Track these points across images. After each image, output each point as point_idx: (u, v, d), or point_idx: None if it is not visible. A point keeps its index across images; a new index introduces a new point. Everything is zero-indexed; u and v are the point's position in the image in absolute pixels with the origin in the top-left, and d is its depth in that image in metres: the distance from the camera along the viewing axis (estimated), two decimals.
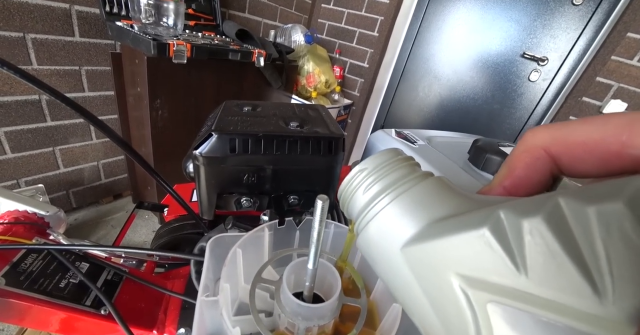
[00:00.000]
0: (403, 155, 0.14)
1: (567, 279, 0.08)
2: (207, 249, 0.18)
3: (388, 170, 0.13)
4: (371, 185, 0.13)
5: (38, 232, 0.30)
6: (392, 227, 0.12)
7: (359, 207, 0.13)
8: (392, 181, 0.13)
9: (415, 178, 0.13)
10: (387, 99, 2.06)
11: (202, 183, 0.26)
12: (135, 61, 1.03)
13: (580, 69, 1.48)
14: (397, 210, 0.12)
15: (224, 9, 1.43)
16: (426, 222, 0.11)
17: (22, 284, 0.25)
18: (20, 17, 0.91)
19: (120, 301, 0.30)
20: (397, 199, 0.12)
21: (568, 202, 0.08)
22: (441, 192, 0.12)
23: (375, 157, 0.14)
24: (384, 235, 0.12)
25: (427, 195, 0.12)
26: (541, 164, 0.12)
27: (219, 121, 0.26)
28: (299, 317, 0.15)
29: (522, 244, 0.08)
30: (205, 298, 0.15)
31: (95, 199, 1.37)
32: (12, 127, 1.00)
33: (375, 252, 0.13)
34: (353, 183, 0.14)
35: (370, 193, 0.13)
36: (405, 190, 0.12)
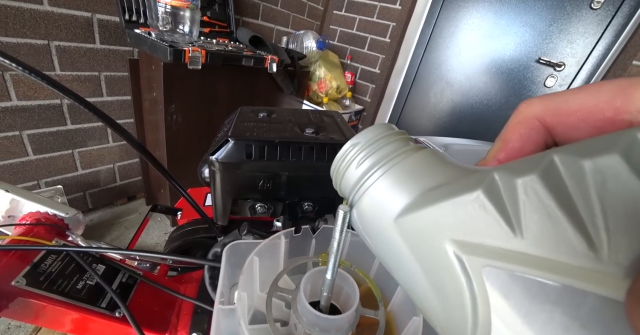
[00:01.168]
0: (396, 129, 0.14)
1: (562, 236, 0.07)
2: (224, 255, 0.18)
3: (380, 144, 0.13)
4: (364, 159, 0.13)
5: (58, 234, 0.30)
6: (385, 199, 0.12)
7: (352, 182, 0.13)
8: (385, 154, 0.13)
9: (407, 151, 0.13)
10: (398, 105, 2.05)
11: (218, 188, 0.26)
12: (152, 67, 1.06)
13: (599, 74, 1.44)
14: (389, 182, 0.12)
15: (238, 16, 1.46)
16: (419, 192, 0.11)
17: (41, 284, 0.25)
18: (45, 25, 0.95)
19: (134, 304, 0.30)
20: (389, 171, 0.12)
21: (562, 157, 0.08)
22: (434, 163, 0.12)
23: (367, 131, 0.14)
24: (377, 208, 0.12)
25: (419, 167, 0.12)
26: (535, 135, 0.12)
27: (235, 127, 0.26)
28: (316, 328, 0.14)
29: (517, 204, 0.08)
30: (223, 306, 0.15)
31: (110, 201, 1.40)
32: (35, 130, 1.04)
33: (369, 226, 0.12)
34: (346, 158, 0.14)
35: (362, 167, 0.13)
36: (398, 163, 0.12)
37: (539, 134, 0.12)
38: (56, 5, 0.95)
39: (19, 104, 0.98)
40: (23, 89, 0.97)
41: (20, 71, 0.23)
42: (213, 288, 0.26)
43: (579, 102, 0.11)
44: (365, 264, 0.20)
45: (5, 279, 0.24)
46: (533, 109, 0.12)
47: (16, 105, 0.98)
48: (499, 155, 0.13)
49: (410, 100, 2.00)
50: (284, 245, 0.19)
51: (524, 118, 0.12)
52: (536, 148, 0.12)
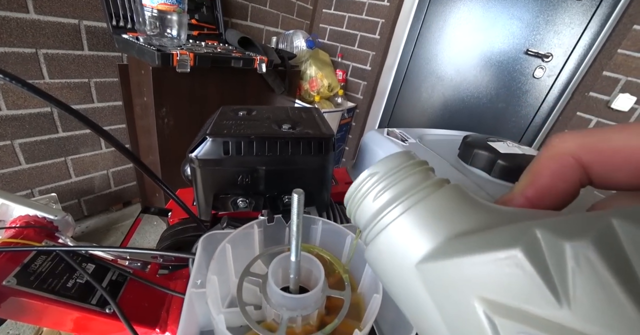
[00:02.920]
0: (416, 158, 0.13)
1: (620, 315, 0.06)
2: (199, 245, 0.19)
3: (401, 176, 0.12)
4: (382, 191, 0.12)
5: (47, 236, 0.31)
6: (406, 240, 0.11)
7: (368, 216, 0.12)
8: (406, 188, 0.12)
9: (430, 185, 0.12)
10: (390, 101, 2.07)
11: (199, 184, 0.27)
12: (141, 72, 1.06)
13: (586, 63, 1.46)
14: (411, 222, 0.11)
15: (226, 18, 1.47)
16: (445, 237, 0.10)
17: (32, 283, 0.26)
18: (32, 33, 0.95)
19: (124, 300, 0.31)
20: (411, 208, 0.11)
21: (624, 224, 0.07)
22: (460, 202, 0.11)
23: (386, 161, 0.13)
24: (397, 248, 0.11)
25: (445, 206, 0.11)
26: (570, 173, 0.11)
27: (214, 125, 0.27)
28: (283, 307, 0.15)
29: (565, 271, 0.07)
30: (195, 290, 0.16)
31: (106, 207, 1.40)
32: (26, 138, 1.04)
33: (386, 267, 0.12)
34: (362, 188, 0.13)
35: (381, 200, 0.12)
36: (421, 199, 0.11)
37: (573, 172, 0.11)
38: (42, 13, 0.96)
39: (9, 113, 0.99)
40: (12, 97, 0.98)
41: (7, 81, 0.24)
42: None
43: (621, 141, 0.10)
44: (336, 251, 0.21)
45: None
46: (567, 144, 0.11)
47: (6, 114, 0.98)
48: (528, 191, 0.12)
49: (402, 95, 2.02)
50: (258, 234, 0.20)
51: (557, 154, 0.11)
52: (569, 187, 0.11)
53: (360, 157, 0.37)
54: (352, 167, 0.39)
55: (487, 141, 0.29)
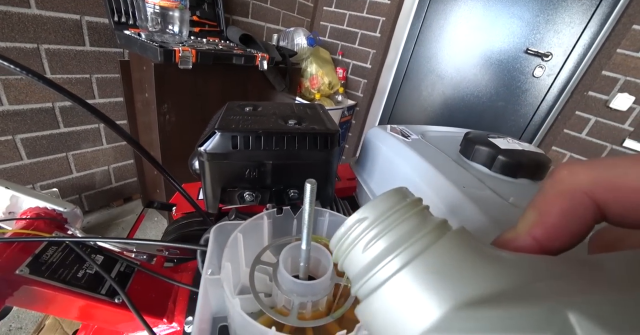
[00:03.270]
0: (410, 197, 0.12)
1: None
2: (211, 235, 0.20)
3: (395, 221, 0.10)
4: (374, 241, 0.10)
5: (57, 227, 0.32)
6: (406, 305, 0.09)
7: (357, 269, 0.11)
8: (401, 237, 0.10)
9: (430, 232, 0.10)
10: (390, 99, 2.07)
11: (207, 178, 0.27)
12: (143, 68, 1.06)
13: (585, 63, 1.47)
14: (411, 282, 0.09)
15: (227, 15, 1.47)
16: (452, 305, 0.09)
17: (44, 273, 0.27)
18: (34, 29, 0.95)
19: (132, 291, 0.32)
20: (410, 265, 0.09)
21: None
22: (465, 256, 0.09)
23: (377, 203, 0.11)
24: (394, 314, 0.09)
25: (449, 261, 0.09)
26: (583, 211, 0.10)
27: (222, 120, 0.28)
28: (294, 293, 0.16)
29: None
30: (209, 276, 0.17)
31: (107, 202, 1.41)
32: (27, 134, 1.05)
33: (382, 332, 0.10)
34: (350, 236, 0.11)
35: (373, 252, 0.10)
36: (420, 252, 0.10)
37: (586, 211, 0.10)
38: (44, 8, 0.96)
39: (11, 108, 0.99)
40: (14, 93, 0.98)
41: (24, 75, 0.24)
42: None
43: None
44: None
45: (9, 269, 0.26)
46: (579, 179, 0.10)
47: (8, 109, 0.98)
48: (535, 231, 0.10)
49: (402, 94, 2.02)
50: (267, 225, 0.21)
51: (567, 190, 0.10)
52: (582, 227, 0.10)
53: (364, 153, 0.38)
54: (356, 162, 0.40)
55: (487, 137, 0.30)
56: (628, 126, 1.36)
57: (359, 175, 0.37)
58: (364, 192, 0.34)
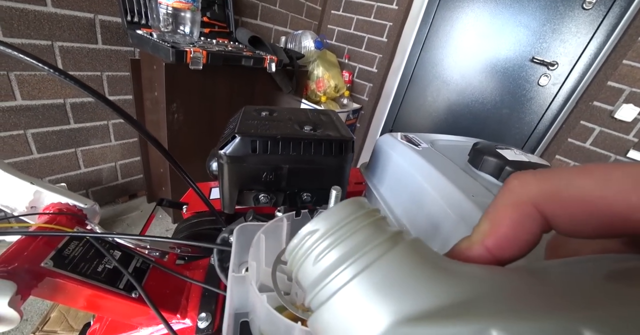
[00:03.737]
0: (365, 208, 0.11)
1: None
2: (234, 234, 0.21)
3: (347, 232, 0.10)
4: (325, 252, 0.10)
5: (78, 223, 0.33)
6: (353, 318, 0.09)
7: (310, 280, 0.11)
8: (353, 248, 0.10)
9: (381, 244, 0.10)
10: (395, 104, 2.08)
11: (225, 180, 0.28)
12: (154, 67, 1.08)
13: (591, 73, 1.48)
14: (359, 294, 0.09)
15: (237, 17, 1.49)
16: (393, 320, 0.08)
17: (66, 266, 0.28)
18: (49, 26, 0.97)
19: (147, 287, 0.33)
20: (359, 276, 0.09)
21: None
22: (414, 268, 0.09)
23: (329, 214, 0.11)
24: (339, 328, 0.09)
25: (395, 274, 0.09)
26: (531, 223, 0.10)
27: (241, 125, 0.29)
28: None
29: None
30: (235, 274, 0.18)
31: (112, 199, 1.42)
32: (39, 129, 1.06)
33: None
34: (303, 247, 0.11)
35: (324, 263, 0.10)
36: (368, 265, 0.09)
37: (534, 222, 0.10)
38: (59, 7, 0.97)
39: (24, 103, 1.00)
40: (27, 88, 0.99)
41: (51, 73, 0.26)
42: (222, 270, 0.29)
43: (584, 190, 0.09)
44: None
45: (35, 261, 0.27)
46: (528, 190, 0.10)
47: (21, 104, 1.00)
48: (487, 241, 0.11)
49: (407, 98, 2.03)
50: (286, 227, 0.22)
51: (517, 201, 0.10)
52: (531, 237, 0.10)
53: (375, 159, 0.39)
54: (366, 168, 0.41)
55: (495, 148, 0.31)
56: (632, 137, 1.37)
57: (369, 180, 0.38)
58: (373, 196, 0.35)
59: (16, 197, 0.33)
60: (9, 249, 0.28)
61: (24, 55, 0.24)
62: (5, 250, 0.28)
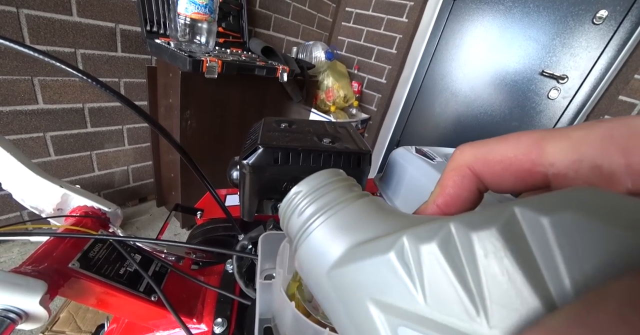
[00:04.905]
0: (341, 176, 0.14)
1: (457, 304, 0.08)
2: (260, 242, 0.22)
3: (322, 192, 0.13)
4: (305, 207, 0.13)
5: (102, 226, 0.34)
6: (320, 250, 0.12)
7: (294, 229, 0.13)
8: (324, 203, 0.13)
9: (347, 199, 0.13)
10: (403, 114, 2.10)
11: (247, 189, 0.30)
12: (170, 75, 1.11)
13: (602, 87, 1.47)
14: (324, 233, 0.12)
15: (250, 27, 1.53)
16: (348, 246, 0.11)
17: (92, 268, 0.29)
18: (73, 35, 1.02)
19: (166, 291, 0.34)
20: (325, 221, 0.12)
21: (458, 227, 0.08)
22: (370, 214, 0.12)
23: (311, 178, 0.14)
24: (313, 258, 0.12)
25: (355, 217, 0.12)
26: (468, 182, 0.12)
27: (263, 136, 0.31)
28: None
29: (421, 270, 0.09)
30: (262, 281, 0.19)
31: (123, 202, 1.45)
32: (57, 132, 1.10)
33: (307, 275, 0.13)
34: (290, 205, 0.14)
35: (304, 216, 0.13)
36: (335, 212, 0.12)
37: (470, 181, 0.12)
38: (84, 16, 1.02)
39: (45, 107, 1.04)
40: (49, 93, 1.03)
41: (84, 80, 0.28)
42: (240, 276, 0.30)
43: (501, 152, 0.11)
44: None
45: (63, 262, 0.28)
46: (464, 156, 0.12)
47: (42, 108, 1.04)
48: (438, 200, 0.13)
49: (416, 109, 2.04)
50: None
51: (457, 165, 0.13)
52: (470, 194, 0.13)
53: (389, 172, 0.40)
54: (380, 179, 0.42)
55: None
56: None
57: (384, 192, 0.39)
58: None
59: (45, 199, 0.35)
60: (39, 249, 0.29)
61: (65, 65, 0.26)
62: (34, 250, 0.29)
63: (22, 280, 0.24)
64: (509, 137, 0.11)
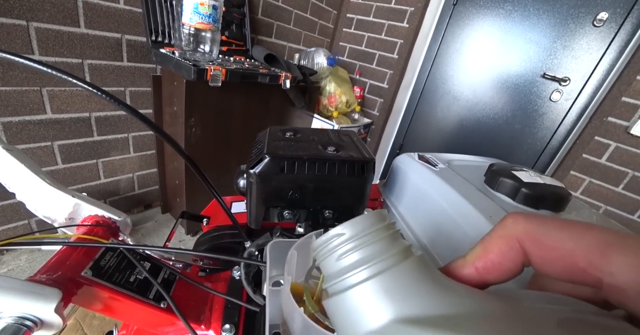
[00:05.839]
0: (386, 221, 0.14)
1: None
2: (268, 249, 0.23)
3: (369, 240, 0.13)
4: (349, 253, 0.12)
5: (112, 234, 0.35)
6: (362, 309, 0.11)
7: (332, 271, 0.13)
8: (372, 254, 0.12)
9: (394, 255, 0.12)
10: (406, 119, 2.10)
11: (254, 197, 0.30)
12: (174, 83, 1.13)
13: (604, 89, 1.47)
14: (371, 292, 0.11)
15: (253, 35, 1.55)
16: (394, 318, 0.11)
17: (103, 276, 0.30)
18: (80, 45, 1.04)
19: (175, 298, 0.34)
20: (374, 278, 0.12)
21: None
22: (419, 281, 0.12)
23: (356, 222, 0.13)
24: (352, 313, 0.12)
25: (402, 282, 0.11)
26: (514, 255, 0.12)
27: (269, 145, 0.31)
28: None
29: None
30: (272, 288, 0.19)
31: (128, 208, 1.46)
32: (65, 140, 1.12)
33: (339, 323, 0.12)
34: (330, 245, 0.13)
35: (346, 261, 0.12)
36: (380, 271, 0.12)
37: (517, 254, 0.12)
38: (91, 28, 1.05)
39: (53, 116, 1.06)
40: (57, 103, 1.06)
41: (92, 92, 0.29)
42: (248, 282, 0.30)
43: (559, 240, 0.11)
44: None
45: (76, 270, 0.29)
46: (517, 228, 0.12)
47: (50, 118, 1.06)
48: (478, 262, 0.13)
49: (418, 114, 2.05)
50: None
51: (506, 234, 0.12)
52: (513, 266, 0.12)
53: (393, 178, 0.40)
54: (384, 186, 0.42)
55: (511, 170, 0.32)
56: None
57: (387, 198, 0.39)
58: (391, 214, 0.37)
59: (58, 209, 0.36)
60: (52, 258, 0.30)
61: (72, 78, 0.27)
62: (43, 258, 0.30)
63: (38, 288, 0.25)
64: (572, 227, 0.11)
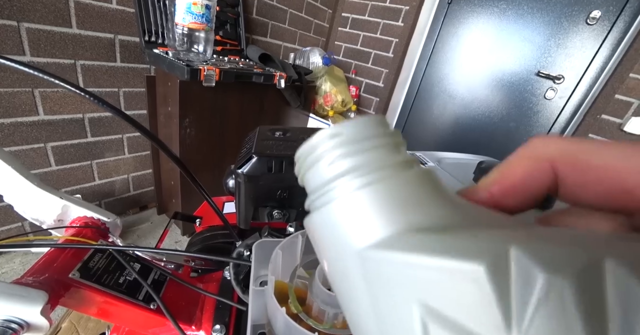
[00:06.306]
0: (389, 128, 0.11)
1: None
2: (254, 249, 0.23)
3: (367, 145, 0.10)
4: (341, 158, 0.10)
5: (101, 236, 0.35)
6: (355, 220, 0.09)
7: (317, 181, 0.11)
8: (369, 161, 0.10)
9: (399, 163, 0.10)
10: (402, 117, 2.11)
11: (242, 197, 0.30)
12: (168, 84, 1.13)
13: (598, 86, 1.48)
14: (366, 202, 0.09)
15: (248, 35, 1.55)
16: (400, 228, 0.09)
17: (92, 277, 0.30)
18: (73, 46, 1.03)
19: (165, 299, 0.34)
20: (370, 186, 0.10)
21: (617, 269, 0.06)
22: (427, 192, 0.10)
23: (357, 124, 0.11)
24: (342, 227, 0.10)
25: (408, 192, 0.10)
26: (542, 177, 0.10)
27: (257, 145, 0.31)
28: (328, 305, 0.18)
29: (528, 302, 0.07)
30: (256, 288, 0.19)
31: (123, 210, 1.45)
32: (58, 142, 1.11)
33: (325, 243, 0.10)
34: (318, 148, 0.11)
35: (337, 168, 0.10)
36: (383, 179, 0.10)
37: (545, 178, 0.10)
38: (83, 28, 1.04)
39: (46, 118, 1.06)
40: (50, 104, 1.05)
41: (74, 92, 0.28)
42: (237, 282, 0.30)
43: (605, 159, 0.09)
44: None
45: (64, 272, 0.29)
46: (548, 149, 0.10)
47: (43, 119, 1.05)
48: (493, 187, 0.11)
49: (414, 112, 2.06)
50: (301, 244, 0.23)
51: (535, 156, 0.11)
52: (537, 191, 0.11)
53: None
54: None
55: None
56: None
57: None
58: None
59: (46, 211, 0.35)
60: (40, 260, 0.30)
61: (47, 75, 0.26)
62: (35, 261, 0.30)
63: (23, 291, 0.24)
64: (621, 145, 0.09)
